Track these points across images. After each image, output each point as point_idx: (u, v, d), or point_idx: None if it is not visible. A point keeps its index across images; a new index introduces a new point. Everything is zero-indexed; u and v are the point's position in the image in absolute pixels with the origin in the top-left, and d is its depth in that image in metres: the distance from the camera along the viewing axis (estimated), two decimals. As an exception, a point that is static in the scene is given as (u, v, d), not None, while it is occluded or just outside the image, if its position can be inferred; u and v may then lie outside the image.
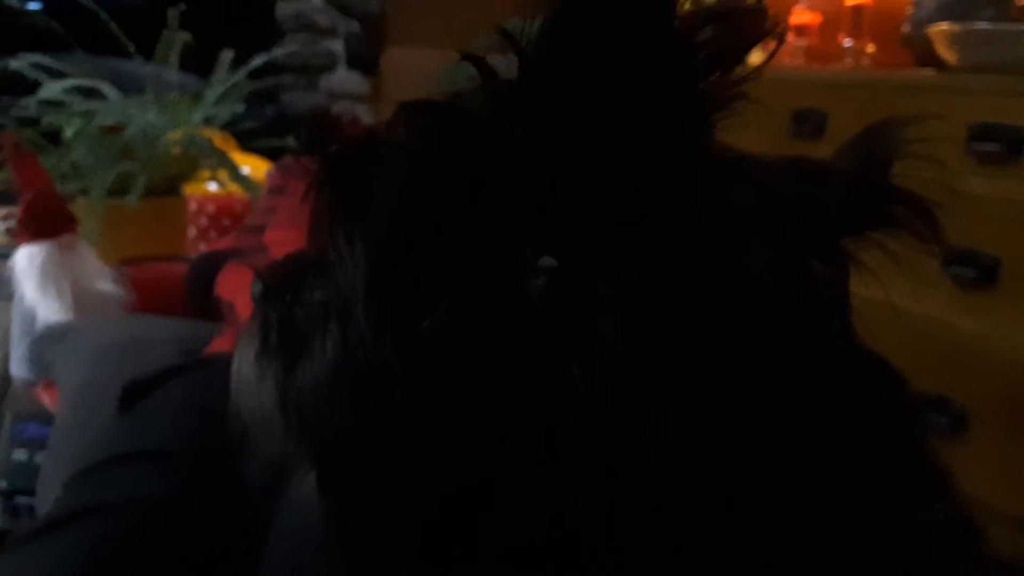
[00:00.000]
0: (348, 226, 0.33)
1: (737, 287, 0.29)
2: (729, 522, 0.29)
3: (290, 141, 1.83)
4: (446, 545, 0.32)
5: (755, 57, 0.33)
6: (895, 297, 0.37)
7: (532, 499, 0.30)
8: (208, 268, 1.07)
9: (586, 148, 0.30)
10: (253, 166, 1.78)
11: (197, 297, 1.08)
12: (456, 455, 0.31)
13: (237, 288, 0.97)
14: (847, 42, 1.56)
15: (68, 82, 1.54)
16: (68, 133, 1.51)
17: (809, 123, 1.37)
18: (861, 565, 0.32)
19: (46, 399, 1.16)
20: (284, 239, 1.01)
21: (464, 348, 0.31)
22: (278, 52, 1.81)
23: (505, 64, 0.35)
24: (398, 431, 0.32)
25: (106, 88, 1.58)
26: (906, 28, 1.41)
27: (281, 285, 0.42)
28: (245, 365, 0.42)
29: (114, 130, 1.53)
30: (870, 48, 1.55)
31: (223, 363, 0.93)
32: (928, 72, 1.31)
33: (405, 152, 0.33)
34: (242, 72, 1.67)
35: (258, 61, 1.69)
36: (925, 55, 1.31)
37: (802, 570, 0.31)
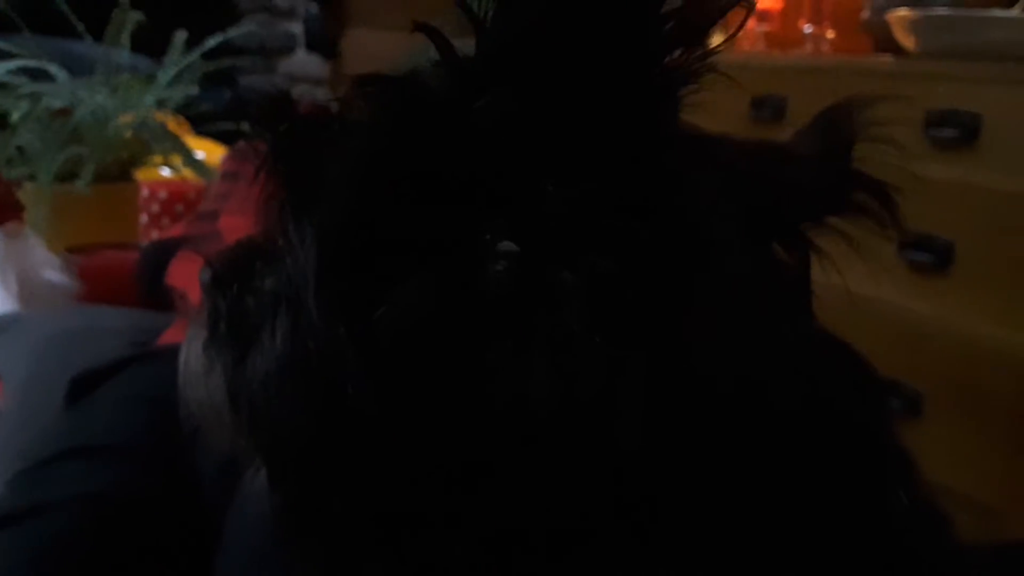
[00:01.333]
0: (298, 209, 0.32)
1: (707, 270, 0.28)
2: (702, 506, 0.28)
3: (246, 125, 1.79)
4: (407, 539, 0.31)
5: (716, 37, 0.32)
6: (850, 281, 0.37)
7: (498, 490, 0.29)
8: (160, 256, 1.04)
9: (548, 125, 0.29)
10: (208, 151, 1.74)
11: (148, 286, 1.06)
12: (416, 446, 0.30)
13: (189, 277, 0.94)
14: (807, 28, 1.57)
15: (14, 63, 1.49)
16: (14, 116, 1.46)
17: (768, 108, 1.37)
18: (836, 546, 0.31)
19: (-9, 393, 1.13)
20: (238, 226, 0.99)
21: (423, 337, 0.29)
22: (234, 33, 1.77)
23: (465, 47, 0.33)
24: (352, 422, 0.31)
25: (54, 69, 1.53)
26: (865, 14, 1.42)
27: (231, 273, 0.40)
28: (193, 356, 0.41)
29: (62, 113, 1.48)
30: (830, 34, 1.55)
31: (174, 354, 0.92)
32: (887, 58, 1.32)
33: (359, 129, 0.31)
34: (196, 53, 1.62)
35: (213, 41, 1.65)
36: (884, 41, 1.32)
37: (776, 551, 0.30)
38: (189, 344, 0.41)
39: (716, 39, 0.32)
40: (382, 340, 0.29)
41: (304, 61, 3.49)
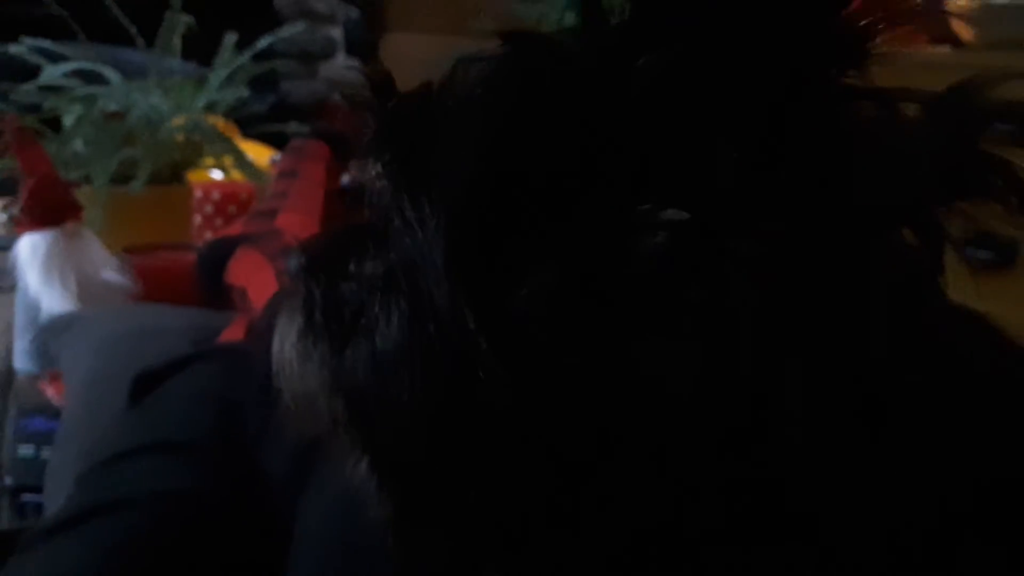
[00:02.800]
0: (416, 190, 0.31)
1: (879, 245, 0.26)
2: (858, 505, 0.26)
3: (292, 127, 1.80)
4: (534, 539, 0.30)
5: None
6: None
7: (635, 486, 0.27)
8: (218, 255, 1.04)
9: (715, 85, 0.27)
10: (255, 153, 1.74)
11: (207, 285, 1.06)
12: (550, 438, 0.28)
13: (250, 274, 0.94)
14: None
15: (69, 65, 1.51)
16: (69, 119, 1.48)
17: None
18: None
19: (51, 392, 1.13)
20: (297, 223, 0.99)
21: (565, 320, 0.28)
22: (282, 34, 1.78)
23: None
24: (480, 412, 0.29)
25: (108, 72, 1.55)
26: (920, 4, 1.38)
27: (323, 260, 0.39)
28: (287, 346, 0.40)
29: (116, 116, 1.50)
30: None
31: (236, 352, 0.91)
32: (945, 50, 1.28)
33: (488, 100, 0.30)
34: (247, 55, 1.63)
35: (263, 43, 1.66)
36: (941, 32, 1.28)
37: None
38: (281, 333, 0.40)
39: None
40: (520, 324, 0.28)
41: (345, 66, 3.51)
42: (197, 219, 1.53)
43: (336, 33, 3.56)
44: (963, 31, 1.20)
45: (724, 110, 0.26)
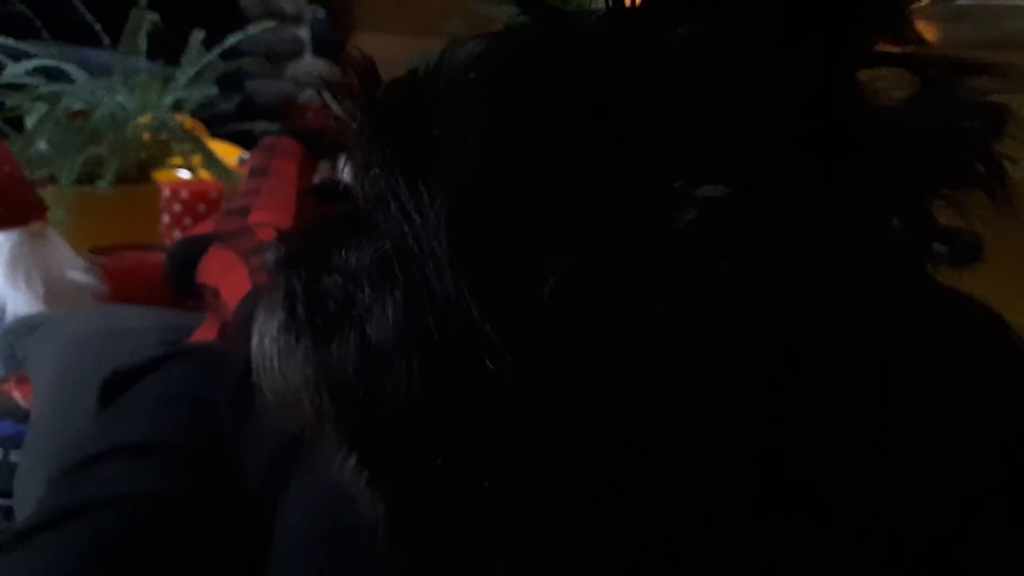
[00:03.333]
0: (413, 175, 0.30)
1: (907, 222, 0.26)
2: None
3: (260, 126, 1.79)
4: (547, 533, 0.29)
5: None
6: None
7: (654, 474, 0.27)
8: (188, 254, 1.02)
9: (750, 57, 0.26)
10: (223, 152, 1.72)
11: (178, 284, 1.04)
12: (564, 426, 0.28)
13: (222, 272, 0.93)
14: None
15: (32, 63, 1.48)
16: (32, 118, 1.45)
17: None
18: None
19: (18, 395, 1.11)
20: (270, 221, 0.97)
21: (591, 301, 0.27)
22: (243, 35, 1.76)
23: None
24: (487, 402, 0.29)
25: (72, 69, 1.52)
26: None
27: (304, 251, 0.38)
28: (267, 340, 0.39)
29: (81, 114, 1.47)
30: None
31: (208, 352, 0.90)
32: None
33: (492, 79, 0.29)
34: (215, 52, 1.61)
35: (231, 40, 1.64)
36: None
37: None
38: (261, 328, 0.39)
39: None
40: (537, 309, 0.27)
41: (311, 65, 3.48)
42: (165, 218, 1.51)
43: (303, 33, 3.52)
44: (927, 31, 1.21)
45: (759, 83, 0.26)
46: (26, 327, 1.05)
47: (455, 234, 0.29)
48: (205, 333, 0.93)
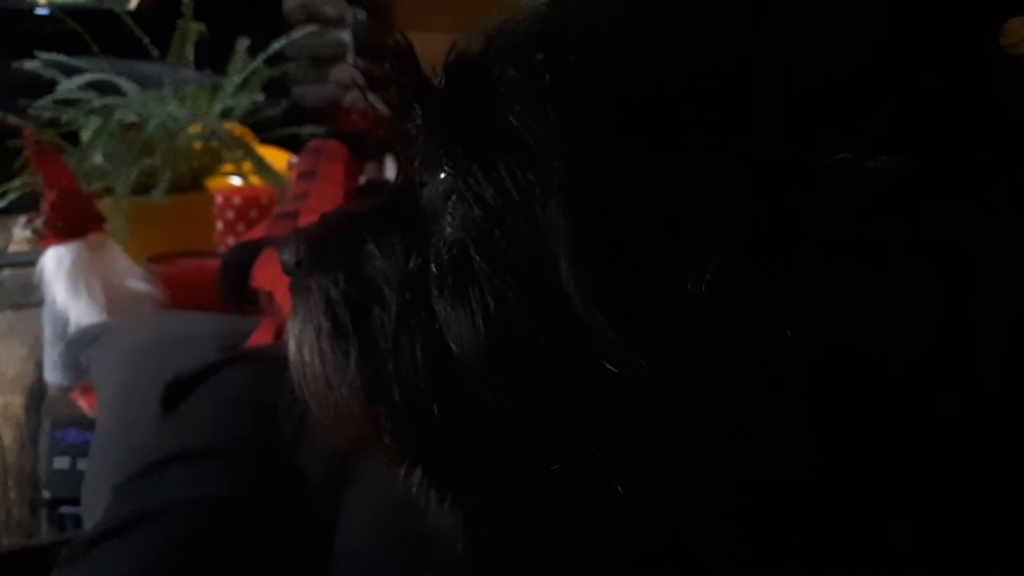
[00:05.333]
0: (498, 166, 0.27)
1: None
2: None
3: (307, 129, 1.80)
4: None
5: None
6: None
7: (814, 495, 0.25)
8: (242, 259, 1.03)
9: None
10: (272, 157, 1.74)
11: (233, 289, 1.05)
12: (695, 444, 0.25)
13: (276, 276, 0.93)
14: None
15: (84, 77, 1.51)
16: (87, 132, 1.48)
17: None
18: None
19: (84, 404, 1.14)
20: (320, 224, 0.98)
21: (731, 297, 0.24)
22: (287, 40, 1.77)
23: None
24: (603, 410, 0.26)
25: (123, 83, 1.55)
26: None
27: (331, 252, 0.37)
28: (307, 351, 0.37)
29: (134, 127, 1.50)
30: None
31: (265, 356, 0.90)
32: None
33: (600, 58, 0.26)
34: (259, 59, 1.63)
35: (276, 46, 1.66)
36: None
37: None
38: (299, 336, 0.38)
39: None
40: (672, 309, 0.24)
41: (354, 68, 3.50)
42: (219, 225, 1.53)
43: (345, 36, 3.55)
44: None
45: (928, 43, 0.24)
46: (89, 337, 1.07)
47: (575, 229, 0.26)
48: (262, 336, 0.94)
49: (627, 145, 0.26)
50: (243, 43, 1.68)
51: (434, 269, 0.30)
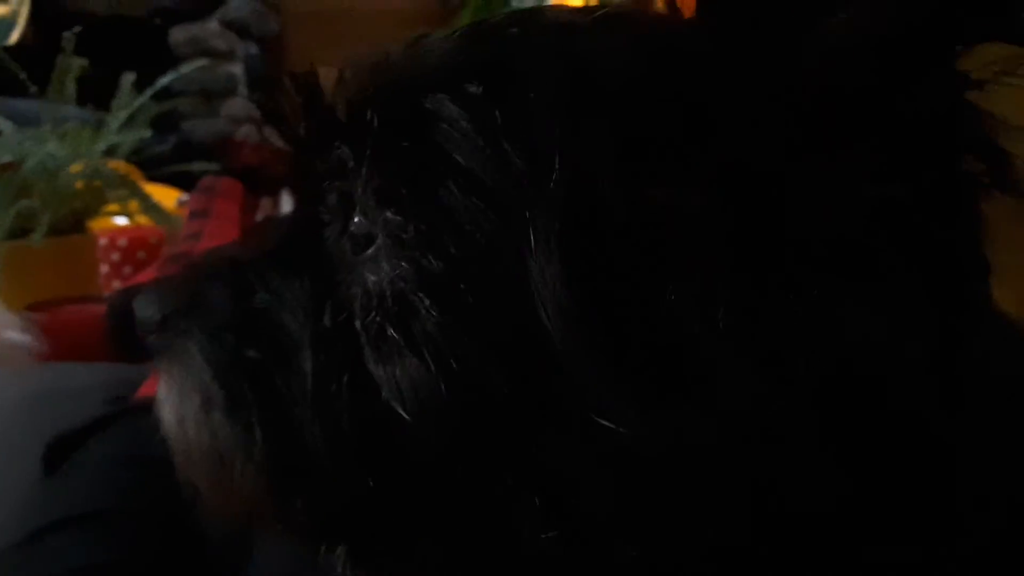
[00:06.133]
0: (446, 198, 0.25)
1: None
2: None
3: (197, 166, 1.75)
4: None
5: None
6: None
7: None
8: (130, 304, 0.98)
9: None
10: (161, 195, 1.68)
11: (120, 337, 1.00)
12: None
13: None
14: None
15: (-48, 117, 1.43)
16: (-44, 174, 1.39)
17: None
18: None
19: (-45, 465, 1.06)
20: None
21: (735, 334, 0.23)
22: (176, 74, 1.72)
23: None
24: (592, 474, 0.24)
25: (-2, 121, 1.47)
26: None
27: (210, 305, 0.34)
28: (191, 425, 0.34)
29: (10, 167, 1.42)
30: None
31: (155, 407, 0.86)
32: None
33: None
34: (146, 94, 1.57)
35: (163, 81, 1.60)
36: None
37: None
38: (177, 411, 0.35)
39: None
40: (677, 352, 0.23)
41: (247, 102, 3.44)
42: (104, 268, 1.46)
43: (236, 69, 3.48)
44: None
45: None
46: (-40, 393, 1.00)
47: (565, 277, 0.24)
48: (152, 387, 0.89)
49: (620, 186, 0.24)
50: (128, 78, 1.62)
51: (360, 326, 0.28)
